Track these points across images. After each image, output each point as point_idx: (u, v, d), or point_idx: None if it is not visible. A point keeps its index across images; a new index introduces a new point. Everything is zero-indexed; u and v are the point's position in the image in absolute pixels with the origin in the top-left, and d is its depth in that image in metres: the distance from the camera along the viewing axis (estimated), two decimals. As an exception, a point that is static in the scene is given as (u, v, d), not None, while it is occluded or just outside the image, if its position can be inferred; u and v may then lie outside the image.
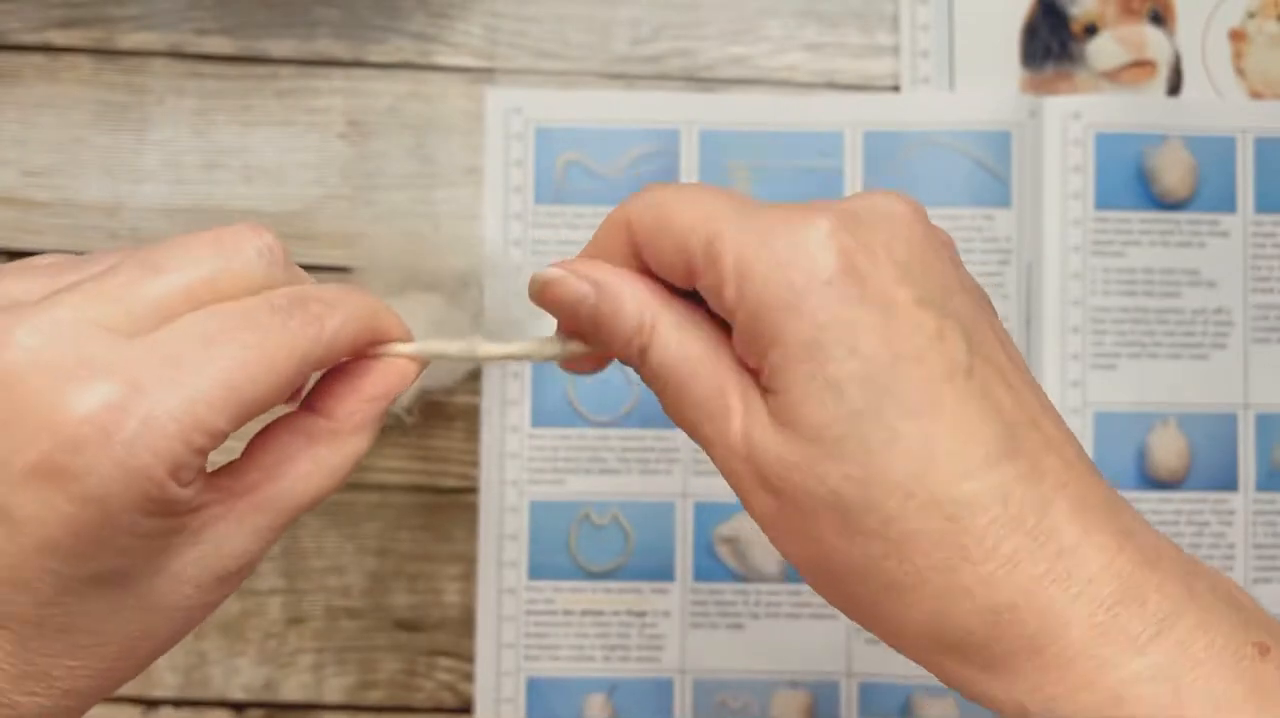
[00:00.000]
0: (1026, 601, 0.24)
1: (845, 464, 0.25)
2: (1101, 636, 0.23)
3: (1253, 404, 0.49)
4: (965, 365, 0.25)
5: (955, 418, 0.25)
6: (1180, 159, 0.49)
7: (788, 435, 0.25)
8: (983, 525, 0.24)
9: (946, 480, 0.24)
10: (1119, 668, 0.23)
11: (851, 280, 0.25)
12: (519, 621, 0.48)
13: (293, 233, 0.49)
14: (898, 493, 0.24)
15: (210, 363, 0.24)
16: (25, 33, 0.49)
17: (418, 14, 0.50)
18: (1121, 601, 0.24)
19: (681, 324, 0.27)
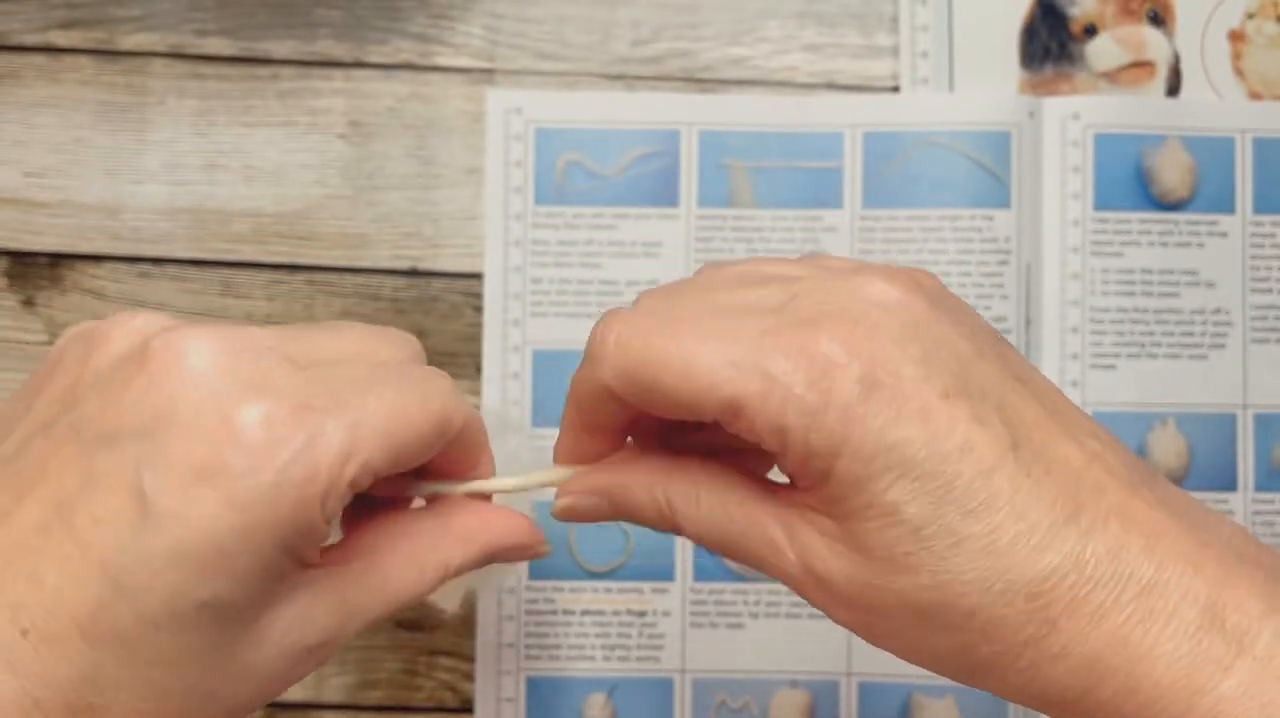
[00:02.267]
0: (1118, 648, 0.24)
1: (918, 576, 0.25)
2: (1190, 665, 0.24)
3: (1252, 404, 0.49)
4: (1009, 442, 0.25)
5: (1014, 501, 0.25)
6: (1179, 160, 0.49)
7: (855, 559, 0.26)
8: (1064, 595, 0.24)
9: (1020, 565, 0.24)
10: (1208, 693, 0.24)
11: (879, 403, 0.25)
12: (519, 620, 0.48)
13: (293, 233, 0.49)
14: (974, 590, 0.25)
15: (370, 398, 0.25)
16: (26, 33, 0.49)
17: (418, 15, 0.50)
18: (1203, 626, 0.24)
19: (696, 489, 0.28)
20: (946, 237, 0.48)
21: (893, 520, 0.25)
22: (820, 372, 0.25)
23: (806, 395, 0.25)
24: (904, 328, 0.26)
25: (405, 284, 0.49)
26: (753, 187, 0.49)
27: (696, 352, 0.26)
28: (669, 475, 0.28)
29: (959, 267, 0.48)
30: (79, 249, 0.49)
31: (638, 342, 0.27)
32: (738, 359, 0.25)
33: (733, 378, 0.25)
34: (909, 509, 0.25)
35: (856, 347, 0.25)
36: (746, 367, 0.25)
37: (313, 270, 0.49)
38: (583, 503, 0.30)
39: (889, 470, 0.25)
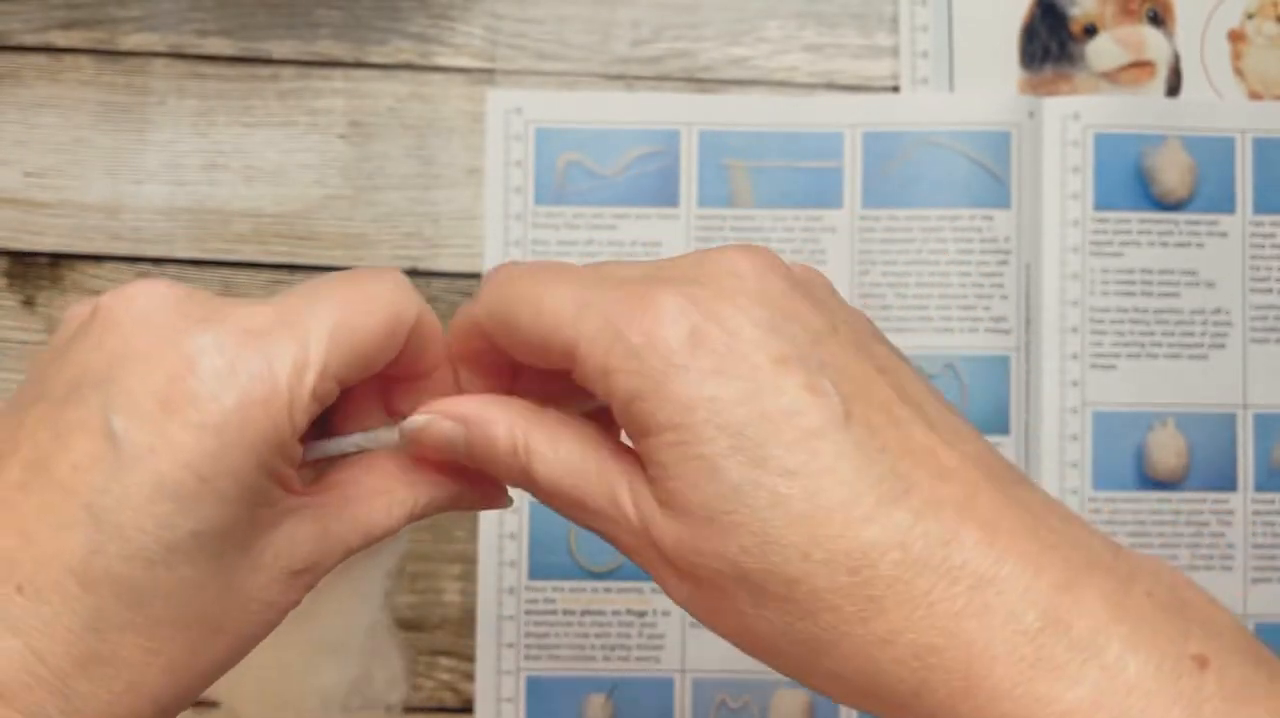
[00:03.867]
0: (949, 640, 0.23)
1: (739, 538, 0.24)
2: (1030, 669, 0.23)
3: (1251, 404, 0.49)
4: (840, 414, 0.24)
5: (837, 470, 0.24)
6: (1179, 159, 0.49)
7: (680, 521, 0.25)
8: (887, 572, 0.24)
9: (839, 534, 0.24)
10: (1052, 703, 0.22)
11: (706, 356, 0.25)
12: (519, 620, 0.48)
13: (293, 233, 0.49)
14: (795, 555, 0.24)
15: (317, 309, 0.26)
16: (27, 34, 0.49)
17: (418, 15, 0.50)
18: (1045, 629, 0.23)
19: (555, 436, 0.27)
20: (946, 237, 0.49)
21: (712, 476, 0.24)
22: (653, 320, 0.25)
23: (634, 339, 0.25)
24: (754, 296, 0.26)
25: (405, 284, 0.49)
26: (753, 187, 0.49)
27: (551, 293, 0.27)
28: (532, 419, 0.28)
29: (959, 267, 0.48)
30: (79, 249, 0.49)
31: (508, 282, 0.28)
32: (585, 304, 0.26)
33: (574, 320, 0.26)
34: (727, 464, 0.24)
35: (698, 303, 0.25)
36: (589, 312, 0.26)
37: (313, 270, 0.49)
38: (440, 425, 0.28)
39: (708, 423, 0.24)
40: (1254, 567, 0.49)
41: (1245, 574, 0.48)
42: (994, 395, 0.49)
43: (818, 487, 0.24)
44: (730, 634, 0.26)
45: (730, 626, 0.26)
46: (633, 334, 0.25)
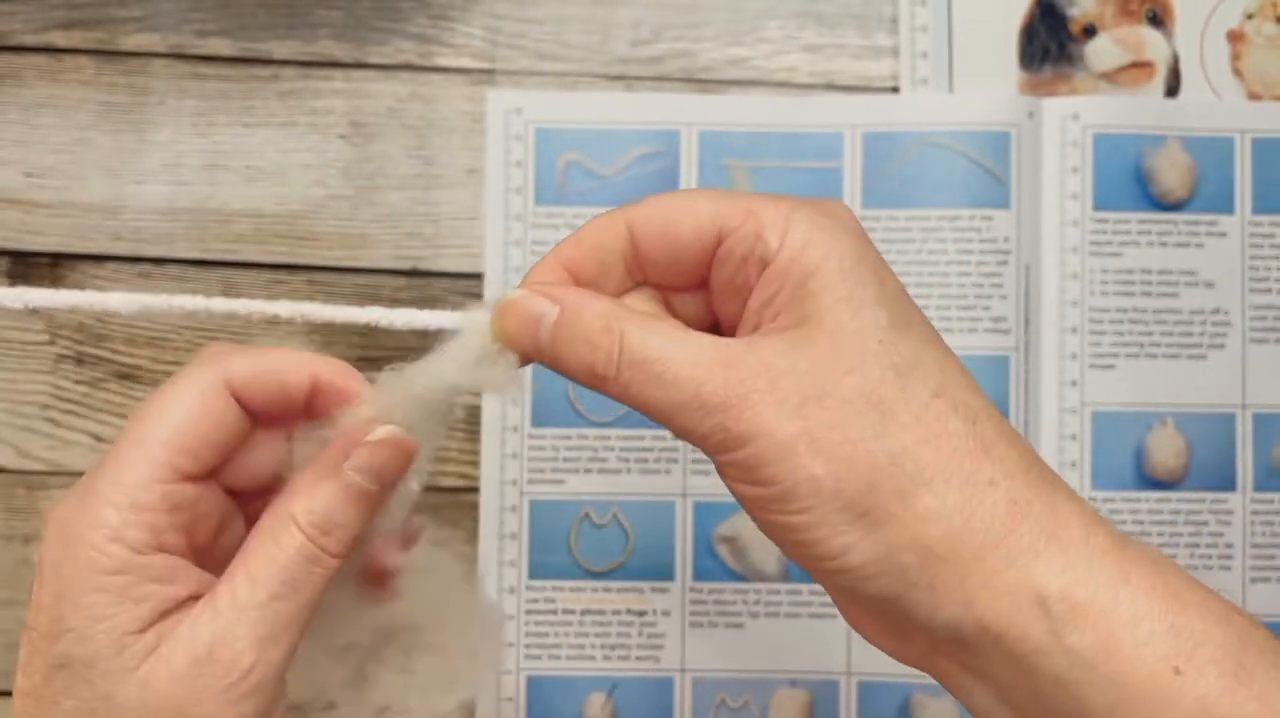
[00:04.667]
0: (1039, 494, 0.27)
1: (883, 362, 0.27)
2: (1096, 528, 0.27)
3: (1250, 404, 0.49)
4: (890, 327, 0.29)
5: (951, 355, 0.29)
6: (1178, 160, 0.49)
7: (825, 346, 0.28)
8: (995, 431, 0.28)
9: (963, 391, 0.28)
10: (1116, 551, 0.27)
11: (868, 240, 0.29)
12: (519, 620, 0.48)
13: (294, 233, 0.49)
14: (928, 390, 0.27)
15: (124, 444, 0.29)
16: (27, 34, 0.50)
17: (418, 16, 0.50)
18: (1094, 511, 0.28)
19: (650, 319, 0.29)
20: (946, 237, 0.49)
21: (873, 312, 0.28)
22: (824, 203, 0.30)
23: (814, 207, 0.29)
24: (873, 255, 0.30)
25: (405, 284, 0.49)
26: (753, 186, 0.49)
27: (709, 194, 0.30)
28: (628, 309, 0.29)
29: (958, 267, 0.49)
30: (80, 249, 0.49)
31: (670, 196, 0.30)
32: (733, 200, 0.30)
33: (755, 196, 0.30)
34: (885, 309, 0.28)
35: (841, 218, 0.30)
36: (738, 205, 0.29)
37: (313, 270, 0.49)
38: (531, 302, 0.29)
39: (875, 275, 0.28)
40: (1253, 566, 0.49)
41: (1244, 574, 0.49)
42: (993, 395, 0.49)
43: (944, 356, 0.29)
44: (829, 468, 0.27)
45: (834, 456, 0.27)
46: (824, 204, 0.29)
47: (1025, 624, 0.26)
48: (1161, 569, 0.27)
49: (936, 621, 0.27)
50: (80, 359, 0.49)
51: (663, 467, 0.49)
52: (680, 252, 0.30)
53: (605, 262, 0.31)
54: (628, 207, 0.31)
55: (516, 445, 0.49)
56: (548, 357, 0.30)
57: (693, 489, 0.49)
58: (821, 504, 0.27)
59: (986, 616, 0.26)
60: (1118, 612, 0.26)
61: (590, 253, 0.31)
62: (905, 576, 0.27)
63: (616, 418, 0.49)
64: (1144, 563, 0.27)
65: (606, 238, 0.30)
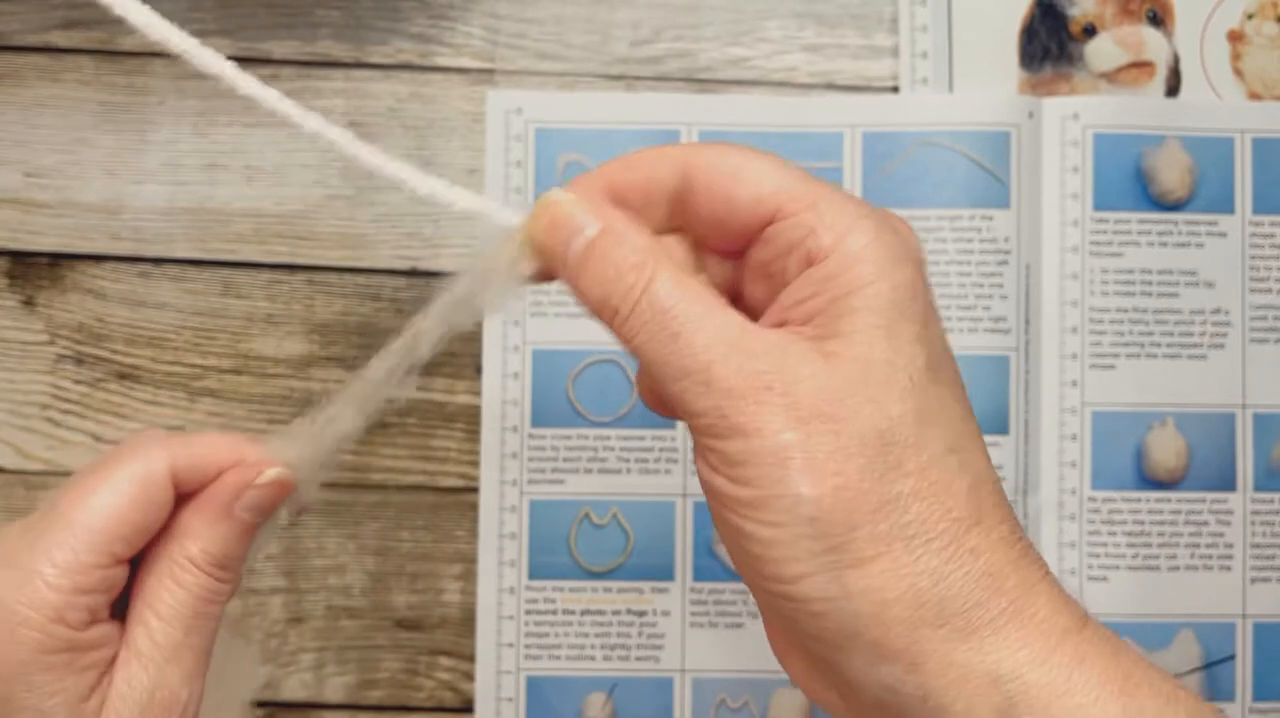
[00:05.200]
0: (1016, 570, 0.26)
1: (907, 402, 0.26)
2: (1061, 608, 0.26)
3: (1251, 404, 0.49)
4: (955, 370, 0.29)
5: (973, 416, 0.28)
6: (1178, 160, 0.49)
7: (852, 366, 0.26)
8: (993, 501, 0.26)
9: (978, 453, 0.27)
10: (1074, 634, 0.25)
11: (926, 278, 0.28)
12: (519, 620, 0.48)
13: (293, 234, 0.49)
14: (944, 443, 0.26)
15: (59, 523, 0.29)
16: (27, 34, 0.50)
17: (418, 16, 0.50)
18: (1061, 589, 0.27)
19: (687, 276, 0.28)
20: (946, 237, 0.49)
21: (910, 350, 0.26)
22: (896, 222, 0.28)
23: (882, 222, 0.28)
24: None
25: (405, 284, 0.49)
26: (752, 187, 0.49)
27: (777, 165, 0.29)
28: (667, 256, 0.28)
29: (958, 267, 0.49)
30: (79, 249, 0.49)
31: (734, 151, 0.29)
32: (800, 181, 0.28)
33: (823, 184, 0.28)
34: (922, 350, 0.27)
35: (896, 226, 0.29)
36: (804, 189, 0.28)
37: (313, 270, 0.49)
38: (575, 209, 0.28)
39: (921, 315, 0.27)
40: (1253, 567, 0.49)
41: (1244, 574, 0.49)
42: (993, 395, 0.49)
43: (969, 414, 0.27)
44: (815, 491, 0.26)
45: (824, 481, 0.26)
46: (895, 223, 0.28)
47: (973, 699, 0.25)
48: (1115, 650, 0.26)
49: (871, 677, 0.25)
50: (80, 359, 0.49)
51: (663, 467, 0.49)
52: (730, 215, 0.28)
53: (651, 195, 0.29)
54: (689, 146, 0.29)
55: (516, 445, 0.49)
56: (570, 273, 0.28)
57: (693, 489, 0.49)
58: (793, 524, 0.25)
59: (932, 684, 0.25)
60: (1071, 695, 0.25)
61: (640, 182, 0.29)
62: (854, 623, 0.25)
63: (616, 418, 0.49)
64: (1100, 644, 0.26)
65: (660, 172, 0.29)
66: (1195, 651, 0.48)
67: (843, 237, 0.27)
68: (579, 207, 0.28)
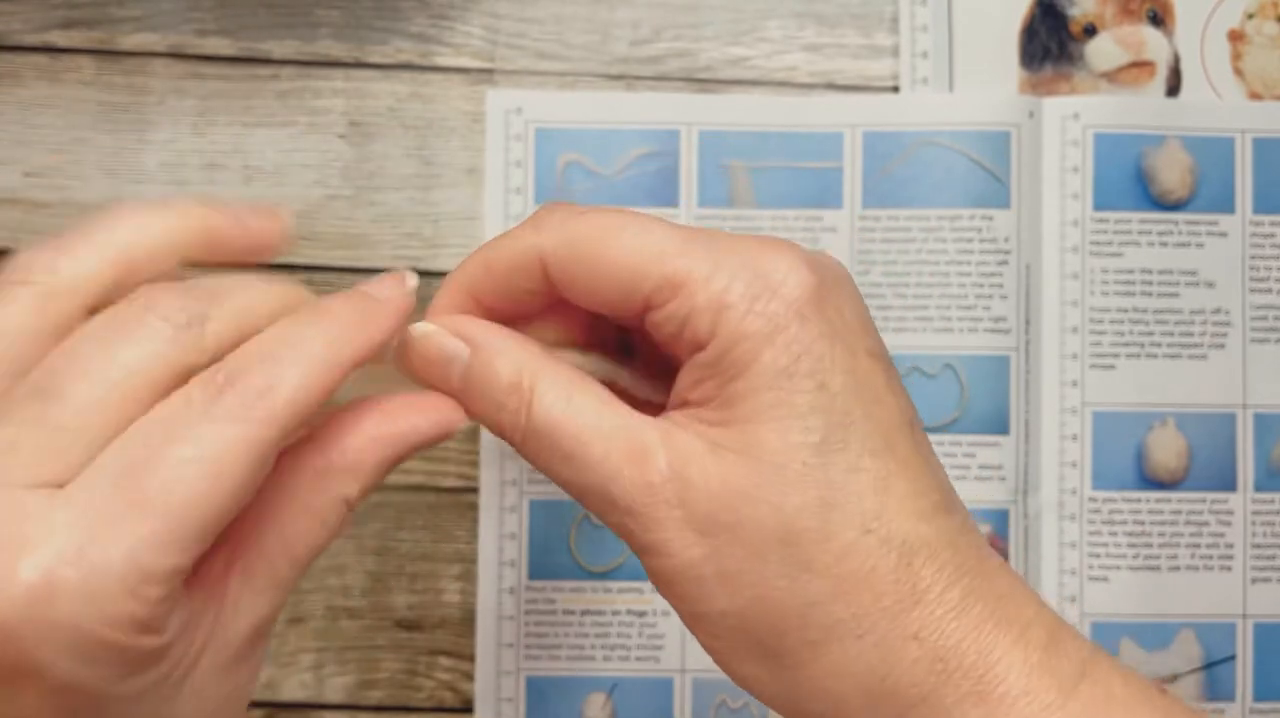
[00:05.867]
0: (974, 643, 0.24)
1: (806, 492, 0.24)
2: (1038, 679, 0.23)
3: (1251, 404, 0.49)
4: (911, 418, 0.26)
5: (908, 464, 0.25)
6: (1179, 160, 0.49)
7: (741, 464, 0.24)
8: (934, 570, 0.24)
9: (903, 520, 0.24)
10: (1056, 710, 0.23)
11: (824, 317, 0.25)
12: (519, 620, 0.48)
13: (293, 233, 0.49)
14: (855, 525, 0.24)
15: (143, 506, 0.22)
16: (26, 33, 0.49)
17: (418, 15, 0.50)
18: (1048, 646, 0.24)
19: (569, 383, 0.26)
20: (946, 236, 0.48)
21: (803, 428, 0.24)
22: (777, 269, 0.25)
23: (754, 281, 0.25)
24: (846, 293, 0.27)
25: (405, 284, 0.49)
26: (753, 187, 0.49)
27: (651, 229, 0.26)
28: (545, 361, 0.26)
29: (958, 267, 0.48)
30: (79, 249, 0.49)
31: (590, 213, 0.27)
32: (690, 240, 0.26)
33: (684, 251, 0.25)
34: (818, 419, 0.24)
35: (814, 272, 0.26)
36: (700, 249, 0.26)
37: (312, 270, 0.49)
38: (442, 340, 0.27)
39: (812, 376, 0.25)
40: (1254, 567, 0.49)
41: (1245, 575, 0.48)
42: (993, 396, 0.49)
43: (893, 471, 0.25)
44: (732, 611, 0.25)
45: (739, 600, 0.25)
46: (754, 276, 0.25)
47: None
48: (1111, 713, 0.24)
49: None
50: (79, 359, 0.49)
51: (663, 467, 0.49)
52: (605, 307, 0.26)
53: (516, 293, 0.28)
54: (542, 228, 0.27)
55: (516, 446, 0.49)
56: (463, 404, 0.27)
57: (693, 489, 0.49)
58: (727, 636, 0.25)
59: None
60: None
61: (502, 286, 0.27)
62: (821, 714, 0.25)
63: (616, 418, 0.49)
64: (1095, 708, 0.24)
65: (518, 271, 0.27)
66: (1195, 651, 0.48)
67: (718, 316, 0.25)
68: (442, 336, 0.27)
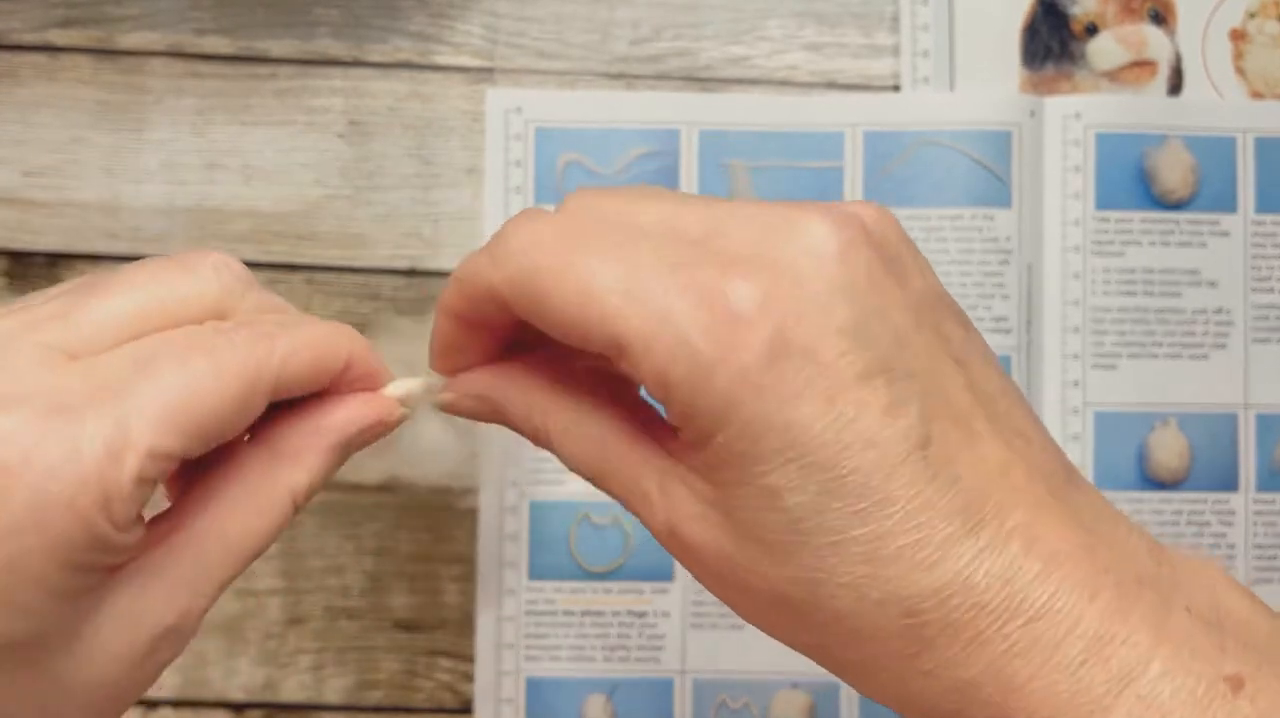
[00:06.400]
0: (990, 679, 0.22)
1: (788, 568, 0.23)
2: (1068, 702, 0.22)
3: (1253, 404, 0.49)
4: (920, 438, 0.23)
5: (910, 508, 0.22)
6: (1180, 159, 0.49)
7: (726, 533, 0.24)
8: (945, 616, 0.22)
9: (903, 578, 0.22)
10: None
11: (784, 374, 0.22)
12: (519, 621, 0.48)
13: (292, 233, 0.49)
14: (848, 595, 0.23)
15: (147, 382, 0.22)
16: (25, 32, 0.49)
17: (418, 14, 0.50)
18: (1086, 662, 0.22)
19: (577, 422, 0.26)
20: (947, 236, 0.48)
21: (772, 506, 0.22)
22: (724, 324, 0.22)
23: (701, 347, 0.22)
24: (836, 288, 0.23)
25: (404, 284, 0.49)
26: (753, 186, 0.49)
27: (594, 274, 0.23)
28: (549, 400, 0.26)
29: (960, 266, 0.48)
30: (78, 249, 0.49)
31: (535, 248, 0.24)
32: (636, 291, 0.23)
33: (624, 312, 0.23)
34: (792, 498, 0.22)
35: (773, 302, 0.22)
36: (642, 301, 0.22)
37: (311, 270, 0.49)
38: (463, 404, 0.27)
39: (777, 453, 0.22)
40: (1255, 567, 0.48)
41: (1246, 575, 0.48)
42: (995, 395, 0.48)
43: (886, 529, 0.22)
44: (767, 632, 0.25)
45: (766, 628, 0.25)
46: (700, 342, 0.22)
47: None
48: None
49: None
50: (78, 359, 0.49)
51: (663, 467, 0.49)
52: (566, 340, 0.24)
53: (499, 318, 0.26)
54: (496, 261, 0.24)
55: (516, 446, 0.48)
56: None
57: (693, 490, 0.48)
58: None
59: None
60: None
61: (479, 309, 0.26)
62: None
63: (616, 418, 0.49)
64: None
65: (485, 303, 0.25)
66: (1197, 652, 0.48)
67: (667, 393, 0.23)
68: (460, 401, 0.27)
